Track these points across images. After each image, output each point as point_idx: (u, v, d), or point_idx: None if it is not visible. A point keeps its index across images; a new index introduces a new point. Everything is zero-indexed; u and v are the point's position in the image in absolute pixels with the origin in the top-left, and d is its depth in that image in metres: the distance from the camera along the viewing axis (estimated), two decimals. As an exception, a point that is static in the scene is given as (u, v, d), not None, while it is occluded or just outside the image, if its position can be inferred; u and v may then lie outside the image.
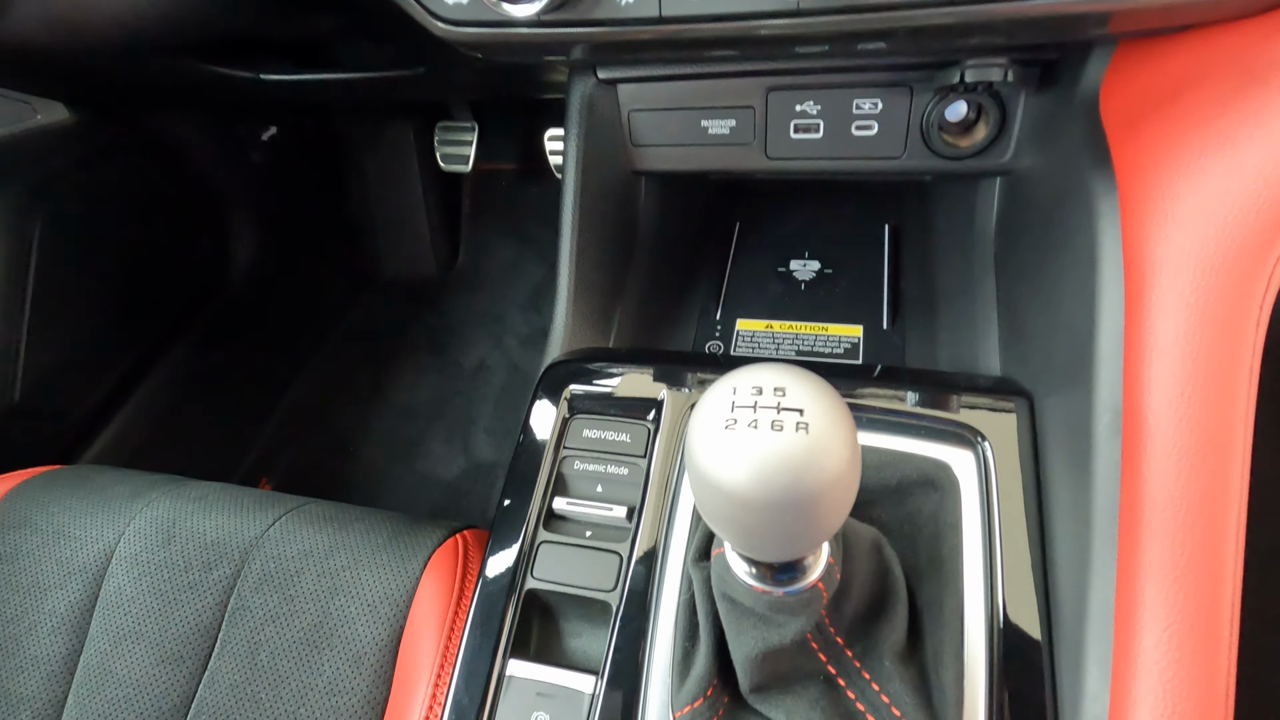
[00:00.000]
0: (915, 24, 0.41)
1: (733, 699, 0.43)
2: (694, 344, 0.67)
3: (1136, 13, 0.40)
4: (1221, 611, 0.35)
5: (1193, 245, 0.37)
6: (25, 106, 1.14)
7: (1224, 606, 0.35)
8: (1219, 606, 0.35)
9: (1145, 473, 0.37)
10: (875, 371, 0.53)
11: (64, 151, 1.18)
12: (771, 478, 0.26)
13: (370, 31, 0.86)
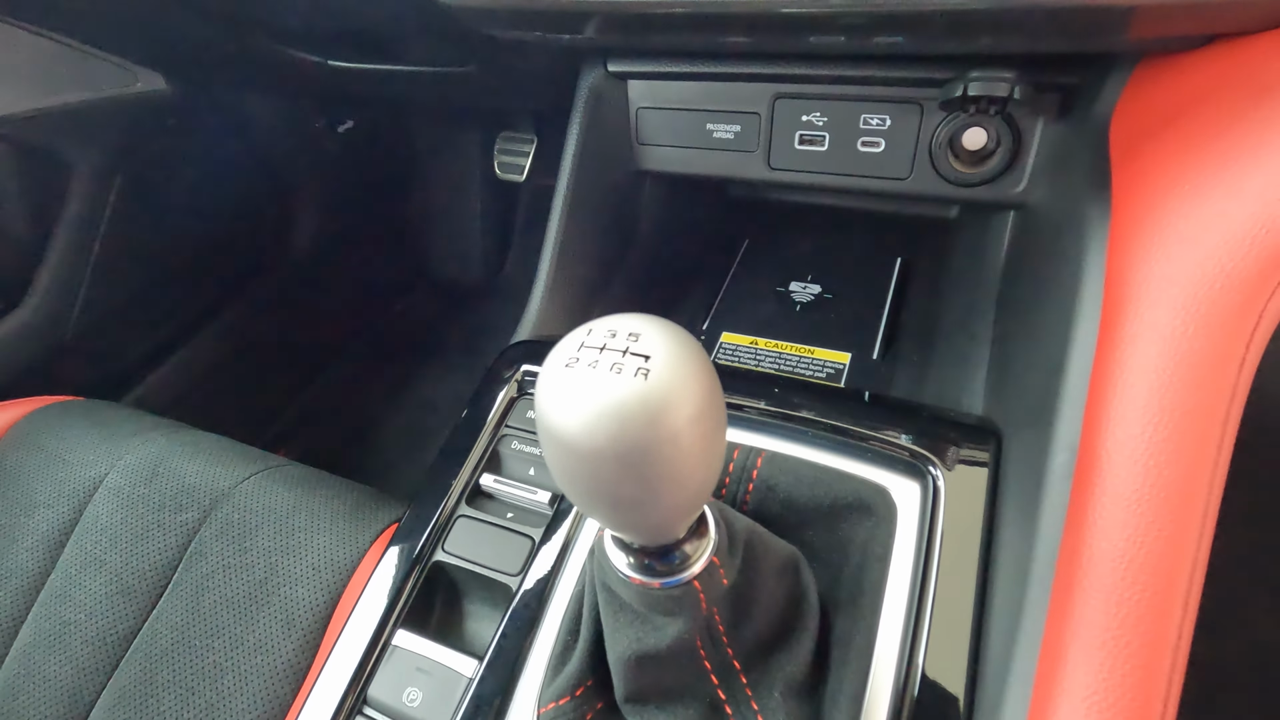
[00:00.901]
0: (937, 7, 0.38)
1: (607, 706, 0.39)
2: None
3: (1159, 9, 0.36)
4: (1155, 686, 0.29)
5: (1178, 271, 0.33)
6: (128, 73, 1.25)
7: (1159, 680, 0.29)
8: (1153, 680, 0.29)
9: (1091, 520, 0.32)
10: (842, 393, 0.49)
11: (155, 118, 1.28)
12: (596, 422, 0.24)
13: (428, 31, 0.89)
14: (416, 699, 0.44)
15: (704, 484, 0.26)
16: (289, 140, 1.51)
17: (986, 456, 0.43)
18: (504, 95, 1.08)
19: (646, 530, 0.28)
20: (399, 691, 0.45)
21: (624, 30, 0.53)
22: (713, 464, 0.26)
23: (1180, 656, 0.30)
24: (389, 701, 0.45)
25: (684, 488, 0.25)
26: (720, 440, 0.27)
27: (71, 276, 1.17)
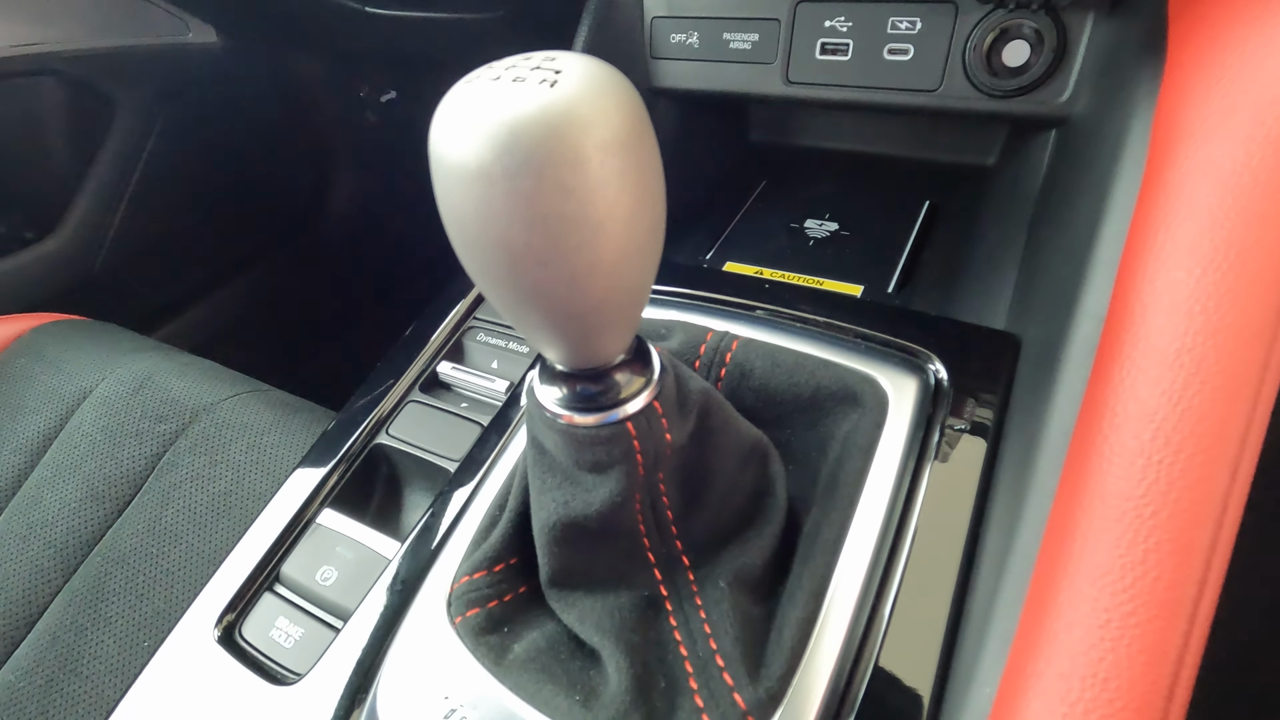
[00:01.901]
0: None
1: (530, 592, 0.34)
2: None
3: None
4: (1190, 565, 0.22)
5: (1240, 99, 0.27)
6: (182, 23, 1.28)
7: (1194, 559, 0.23)
8: (1187, 559, 0.23)
9: (1118, 380, 0.26)
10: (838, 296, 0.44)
11: (203, 70, 1.30)
12: (484, 132, 0.19)
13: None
14: (331, 578, 0.40)
15: (627, 246, 0.21)
16: (332, 105, 1.53)
17: (1000, 362, 0.37)
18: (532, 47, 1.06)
19: (564, 324, 0.23)
20: (313, 570, 0.41)
21: None
22: (635, 224, 0.21)
23: (1225, 534, 0.23)
24: (300, 579, 0.41)
25: (595, 242, 0.21)
26: (648, 204, 0.22)
27: (104, 211, 1.19)
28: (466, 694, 0.31)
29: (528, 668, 0.31)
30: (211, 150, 1.33)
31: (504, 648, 0.32)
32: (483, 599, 0.33)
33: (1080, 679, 0.22)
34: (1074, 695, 0.22)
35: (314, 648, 0.37)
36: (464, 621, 0.33)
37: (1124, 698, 0.21)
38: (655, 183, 0.22)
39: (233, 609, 0.41)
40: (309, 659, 0.37)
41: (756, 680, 0.29)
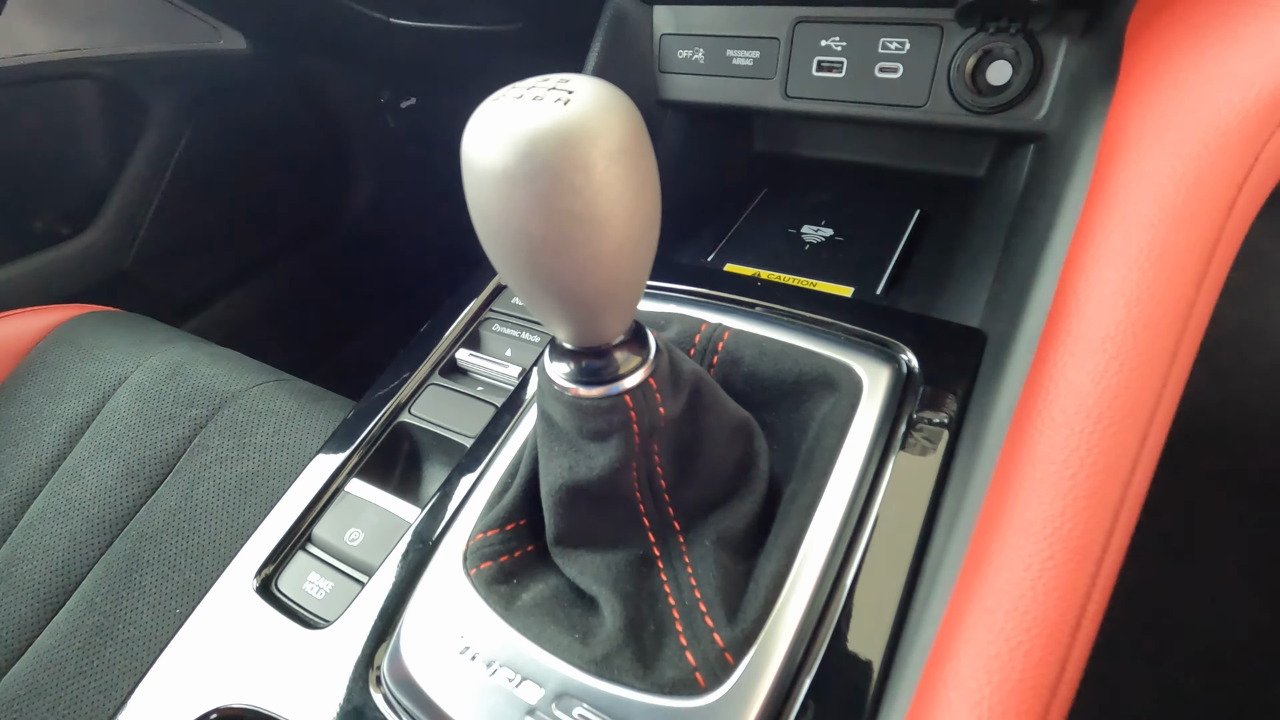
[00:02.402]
0: None
1: (538, 551, 0.38)
2: None
3: None
4: (1105, 512, 0.26)
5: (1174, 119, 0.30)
6: (213, 31, 1.34)
7: (1109, 506, 0.26)
8: (1103, 504, 0.26)
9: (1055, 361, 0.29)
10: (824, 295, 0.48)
11: (232, 75, 1.36)
12: (508, 141, 0.23)
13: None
14: (358, 539, 0.44)
15: (626, 240, 0.25)
16: (354, 111, 1.59)
17: (966, 353, 0.41)
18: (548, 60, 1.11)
19: (572, 307, 0.27)
20: (342, 532, 0.45)
21: None
22: (634, 220, 0.25)
23: (1133, 491, 0.27)
24: (331, 540, 0.45)
25: (600, 235, 0.25)
26: (645, 204, 0.26)
27: (136, 210, 1.24)
28: (479, 634, 0.35)
29: (533, 613, 0.35)
30: (239, 151, 1.39)
31: (512, 596, 0.36)
32: (495, 554, 0.37)
33: (1005, 613, 0.25)
34: (999, 626, 0.25)
35: (343, 598, 0.41)
36: (478, 573, 0.36)
37: (1039, 627, 0.25)
38: (651, 186, 0.26)
39: (270, 564, 0.45)
40: (338, 608, 0.41)
41: (734, 623, 0.32)
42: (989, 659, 0.25)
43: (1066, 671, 0.25)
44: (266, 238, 1.48)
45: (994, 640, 0.25)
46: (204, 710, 0.38)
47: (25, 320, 0.95)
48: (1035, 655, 0.24)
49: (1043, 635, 0.25)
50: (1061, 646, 0.25)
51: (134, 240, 1.25)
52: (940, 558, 0.31)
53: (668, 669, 0.32)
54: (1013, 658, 0.24)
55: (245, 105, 1.39)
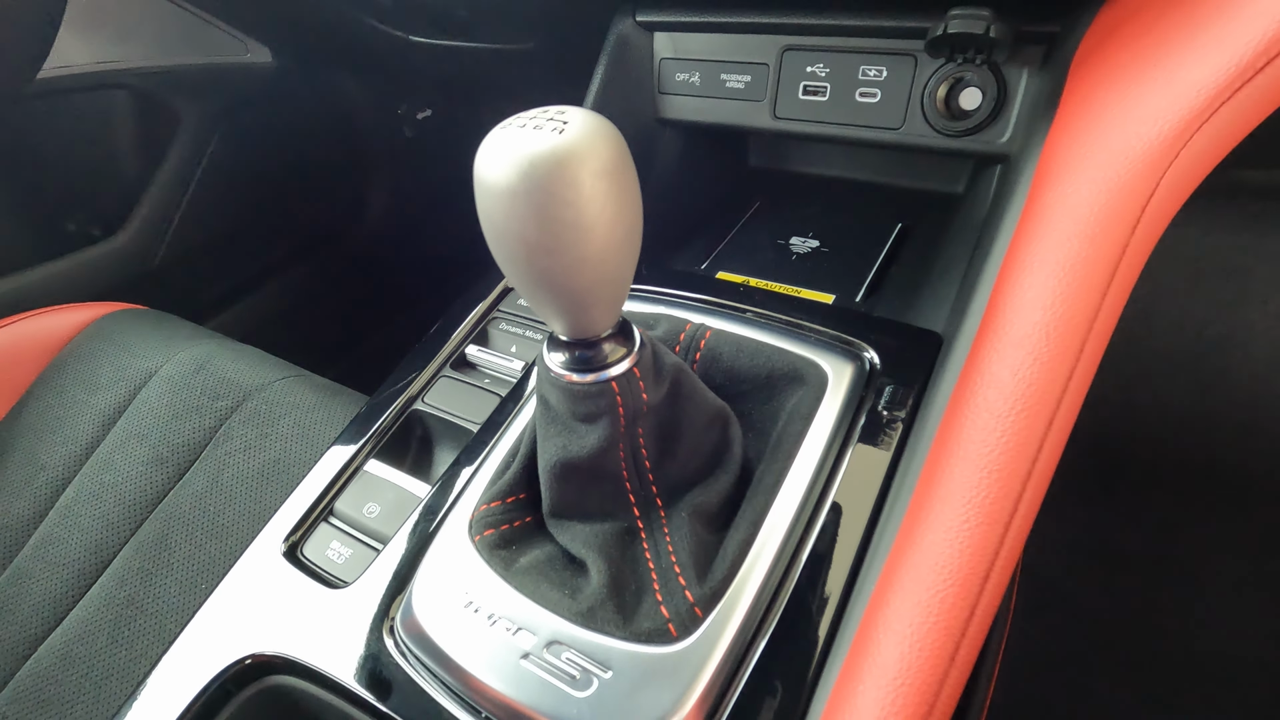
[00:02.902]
0: None
1: (535, 520, 0.42)
2: None
3: None
4: (1015, 484, 0.30)
5: (1091, 150, 0.35)
6: (240, 44, 1.41)
7: (1018, 479, 0.30)
8: (1014, 479, 0.30)
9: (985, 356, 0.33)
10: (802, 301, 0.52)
11: (257, 87, 1.42)
12: (511, 162, 0.28)
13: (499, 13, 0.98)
14: (375, 511, 0.49)
15: (608, 245, 0.30)
16: (372, 122, 1.65)
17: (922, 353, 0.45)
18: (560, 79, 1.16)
19: (564, 300, 0.32)
20: (360, 506, 0.50)
21: None
22: (615, 229, 0.30)
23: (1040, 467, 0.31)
24: (350, 513, 0.50)
25: (588, 241, 0.29)
26: (626, 216, 0.30)
27: (164, 214, 1.31)
28: (482, 591, 0.39)
29: (529, 574, 0.39)
30: (263, 159, 1.45)
31: (511, 560, 0.40)
32: (497, 522, 0.41)
33: (928, 568, 0.30)
34: (923, 579, 0.30)
35: (360, 563, 0.46)
36: (481, 539, 0.41)
37: (955, 578, 0.29)
38: (632, 201, 0.31)
39: (295, 532, 0.50)
40: (356, 571, 0.45)
41: (703, 583, 0.37)
42: (913, 605, 0.29)
43: (975, 615, 0.29)
44: (285, 241, 1.54)
45: (918, 590, 0.29)
46: (239, 656, 0.43)
47: (62, 316, 1.01)
48: (950, 601, 0.29)
49: (957, 584, 0.29)
50: (973, 594, 0.29)
51: (161, 242, 1.31)
52: (884, 526, 0.36)
53: (644, 621, 0.36)
54: (932, 603, 0.29)
55: (269, 115, 1.45)
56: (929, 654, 0.28)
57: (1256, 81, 0.31)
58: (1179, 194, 0.33)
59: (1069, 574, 1.12)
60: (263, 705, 0.42)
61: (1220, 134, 0.32)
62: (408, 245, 1.77)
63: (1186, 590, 1.09)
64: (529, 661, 0.36)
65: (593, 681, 0.35)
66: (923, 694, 0.28)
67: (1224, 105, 0.32)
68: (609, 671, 0.35)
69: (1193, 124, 0.32)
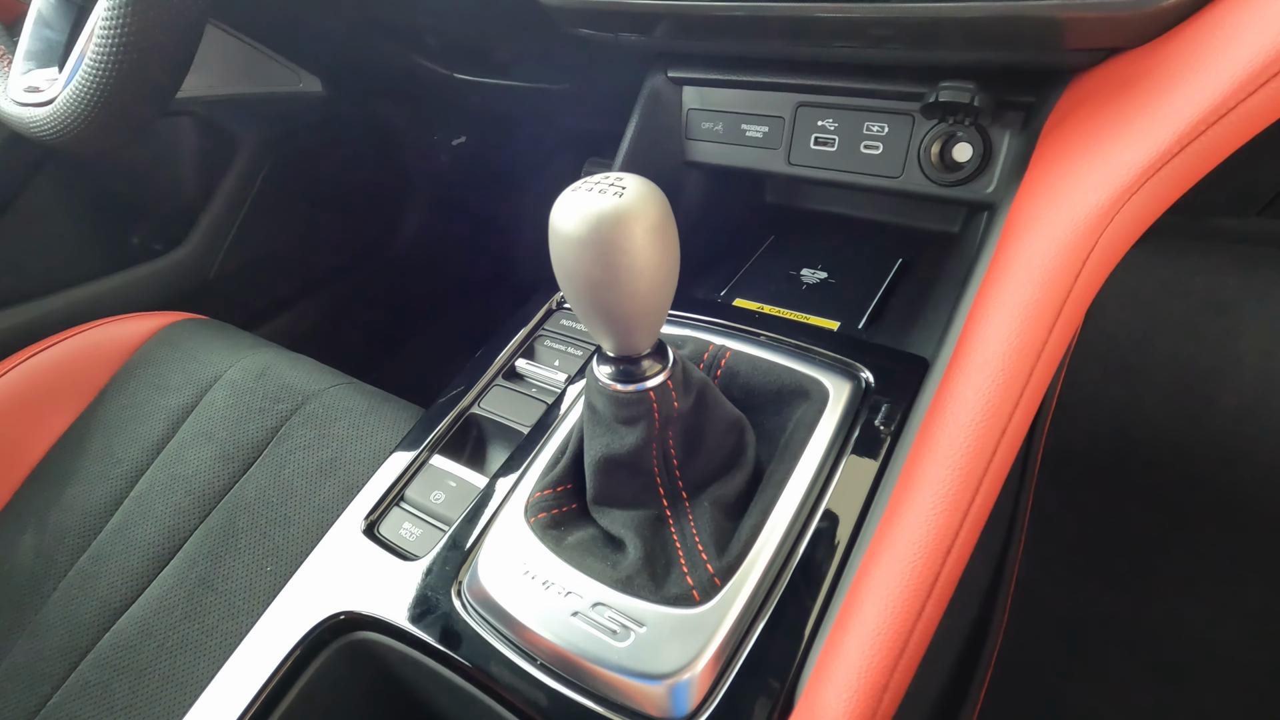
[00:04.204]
0: (917, 15, 0.49)
1: (580, 508, 0.50)
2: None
3: (1051, 23, 0.47)
4: (975, 475, 0.37)
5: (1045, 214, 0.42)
6: (294, 75, 1.52)
7: (978, 471, 0.37)
8: (974, 473, 0.37)
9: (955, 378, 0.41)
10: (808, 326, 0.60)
11: (308, 114, 1.53)
12: (582, 219, 0.36)
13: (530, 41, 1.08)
14: (440, 499, 0.57)
15: (654, 284, 0.38)
16: (410, 148, 1.76)
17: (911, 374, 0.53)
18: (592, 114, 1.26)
19: (615, 325, 0.40)
20: (428, 493, 0.58)
21: (685, 31, 0.67)
22: (659, 271, 0.38)
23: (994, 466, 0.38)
24: (419, 499, 0.58)
25: (639, 280, 0.37)
26: (667, 261, 0.38)
27: (221, 230, 1.41)
28: (538, 563, 0.47)
29: (576, 549, 0.47)
30: (311, 181, 1.55)
31: (561, 538, 0.48)
32: (548, 507, 0.50)
33: (902, 544, 0.37)
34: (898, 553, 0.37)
35: (430, 540, 0.54)
36: (535, 521, 0.49)
37: (923, 551, 0.37)
38: (673, 250, 0.39)
39: (373, 513, 0.58)
40: (427, 547, 0.53)
41: (721, 557, 0.45)
42: (890, 573, 0.36)
43: (939, 580, 0.36)
44: (330, 258, 1.64)
45: (894, 562, 0.37)
46: (331, 612, 0.51)
47: (133, 324, 1.11)
48: (918, 569, 0.36)
49: (924, 555, 0.36)
50: (937, 564, 0.36)
51: (217, 257, 1.41)
52: (871, 516, 0.43)
53: (673, 588, 0.44)
54: (905, 571, 0.36)
55: (318, 141, 1.56)
56: (900, 610, 0.35)
57: (1174, 163, 0.39)
58: (1114, 252, 0.41)
59: (1061, 588, 1.18)
60: (349, 656, 0.50)
61: (1145, 204, 0.40)
62: (439, 263, 1.87)
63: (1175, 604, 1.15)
64: (577, 619, 0.44)
65: (630, 634, 0.42)
66: (895, 642, 0.35)
67: (1148, 182, 0.39)
68: (643, 627, 0.42)
69: (1123, 197, 0.40)
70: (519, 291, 1.99)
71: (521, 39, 0.93)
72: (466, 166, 1.84)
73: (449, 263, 1.88)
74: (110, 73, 0.70)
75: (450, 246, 1.87)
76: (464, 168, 1.84)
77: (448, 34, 1.04)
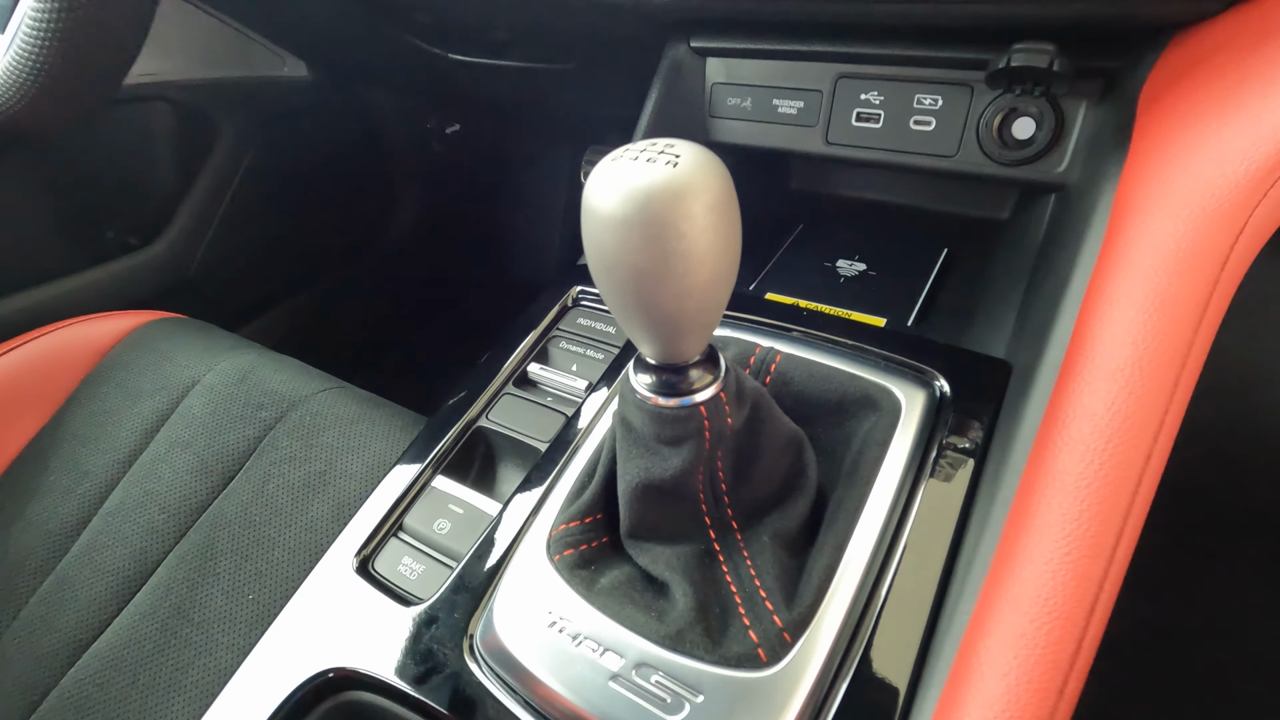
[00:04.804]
0: None
1: (612, 541, 0.43)
2: None
3: None
4: (1114, 517, 0.30)
5: (1175, 185, 0.36)
6: (278, 59, 1.43)
7: (1118, 512, 0.31)
8: (1112, 512, 0.31)
9: (1075, 389, 0.34)
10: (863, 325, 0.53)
11: (293, 101, 1.45)
12: (630, 195, 0.29)
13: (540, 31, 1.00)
14: (445, 528, 0.49)
15: (714, 275, 0.31)
16: (401, 136, 1.67)
17: (994, 381, 0.45)
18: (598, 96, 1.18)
19: (663, 328, 0.33)
20: (430, 521, 0.50)
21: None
22: (721, 260, 0.31)
23: (1139, 500, 0.31)
24: (420, 528, 0.50)
25: (696, 270, 0.30)
26: (731, 248, 0.31)
27: (201, 224, 1.32)
28: (566, 611, 0.40)
29: (612, 594, 0.40)
30: (296, 172, 1.47)
31: (592, 580, 0.41)
32: (576, 542, 0.42)
33: (1029, 599, 0.30)
34: (1024, 610, 0.30)
35: (434, 579, 0.46)
36: (561, 559, 0.42)
37: (1059, 610, 0.30)
38: (736, 233, 0.32)
39: (366, 547, 0.50)
40: (431, 587, 0.46)
41: (791, 607, 0.37)
42: (1016, 637, 0.29)
43: (1083, 649, 0.29)
44: (315, 253, 1.56)
45: (1020, 622, 0.30)
46: (318, 669, 0.43)
47: (102, 324, 1.03)
48: (1056, 633, 0.29)
49: (1062, 617, 0.29)
50: (1078, 627, 0.29)
51: (196, 253, 1.32)
52: (971, 557, 0.36)
53: (733, 645, 0.36)
54: (1036, 635, 0.29)
55: (304, 128, 1.47)
56: (1036, 687, 0.28)
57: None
58: (1264, 232, 0.34)
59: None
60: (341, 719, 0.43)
61: (1309, 175, 0.33)
62: (433, 259, 1.79)
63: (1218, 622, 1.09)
64: (617, 683, 0.37)
65: (684, 705, 0.35)
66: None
67: (1313, 147, 0.32)
68: (700, 695, 0.35)
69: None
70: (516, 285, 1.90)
71: (523, 11, 0.85)
72: (459, 158, 1.76)
73: (442, 257, 1.80)
74: (48, 40, 0.62)
75: (442, 241, 1.79)
76: (456, 159, 1.76)
77: (441, 9, 0.96)
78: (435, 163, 1.74)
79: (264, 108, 1.39)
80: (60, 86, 0.66)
